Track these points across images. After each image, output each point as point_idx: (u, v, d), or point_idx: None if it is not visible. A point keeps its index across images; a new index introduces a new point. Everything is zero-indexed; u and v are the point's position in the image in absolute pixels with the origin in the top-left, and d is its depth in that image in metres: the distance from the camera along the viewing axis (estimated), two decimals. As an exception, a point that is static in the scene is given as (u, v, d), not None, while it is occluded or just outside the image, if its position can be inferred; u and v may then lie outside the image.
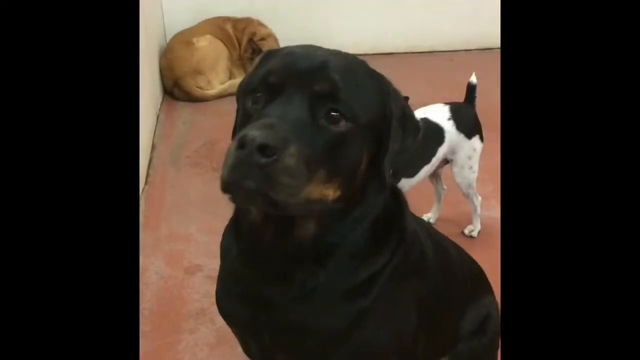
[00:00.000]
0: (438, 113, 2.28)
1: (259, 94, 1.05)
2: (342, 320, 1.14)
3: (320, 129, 1.00)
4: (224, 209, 1.20)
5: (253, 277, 1.18)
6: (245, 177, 0.93)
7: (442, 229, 1.62)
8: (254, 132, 0.91)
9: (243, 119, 1.07)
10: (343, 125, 1.01)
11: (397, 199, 1.25)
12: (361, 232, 1.13)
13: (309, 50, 1.09)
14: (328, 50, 1.11)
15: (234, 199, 1.02)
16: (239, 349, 1.36)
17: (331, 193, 1.02)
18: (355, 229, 1.13)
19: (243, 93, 1.09)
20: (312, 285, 1.12)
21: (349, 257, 1.13)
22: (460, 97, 2.43)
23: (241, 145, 0.92)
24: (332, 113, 1.01)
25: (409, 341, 1.26)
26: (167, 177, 3.06)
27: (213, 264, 2.33)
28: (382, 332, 1.18)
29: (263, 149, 0.91)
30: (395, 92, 1.15)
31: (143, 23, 3.44)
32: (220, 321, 2.01)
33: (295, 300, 1.13)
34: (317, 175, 0.98)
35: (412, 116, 1.18)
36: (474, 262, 1.62)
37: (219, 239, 1.25)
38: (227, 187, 0.97)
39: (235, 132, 1.21)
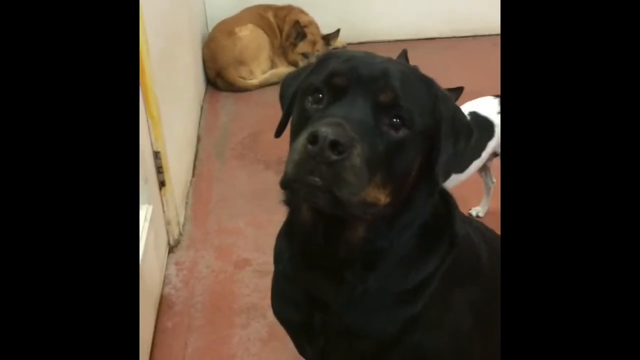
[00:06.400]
0: (487, 106, 2.23)
1: (320, 95, 1.07)
2: (394, 324, 1.15)
3: (381, 134, 1.02)
4: (270, 203, 1.21)
5: (306, 280, 1.20)
6: (312, 173, 0.95)
7: (491, 223, 1.59)
8: (326, 129, 0.93)
9: (301, 118, 1.09)
10: (402, 132, 1.03)
11: (447, 203, 1.24)
12: (409, 237, 1.15)
13: (369, 56, 1.11)
14: (383, 57, 1.13)
15: (292, 196, 1.05)
16: (290, 345, 1.38)
17: (383, 198, 1.04)
18: (403, 234, 1.14)
19: (303, 93, 1.11)
20: (362, 289, 1.14)
21: (398, 263, 1.15)
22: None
23: (312, 140, 0.93)
24: (395, 120, 1.03)
25: (465, 346, 1.26)
26: (212, 170, 3.10)
27: (261, 258, 2.37)
28: (434, 337, 1.19)
29: (335, 145, 0.93)
30: (445, 96, 1.15)
31: (187, 13, 3.47)
32: (271, 316, 2.02)
33: (347, 303, 1.15)
34: (375, 178, 1.00)
35: (464, 119, 1.18)
36: None
37: (266, 232, 1.26)
38: (290, 183, 0.99)
39: (279, 130, 1.24)
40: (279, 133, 1.25)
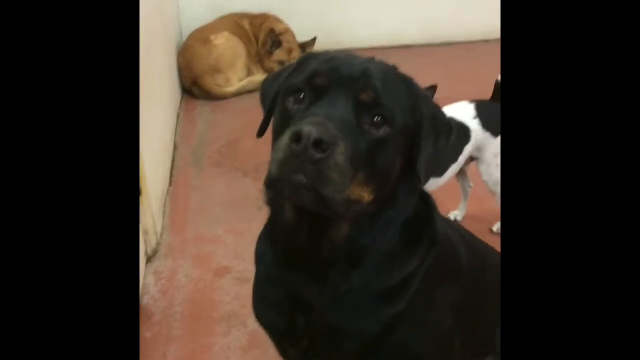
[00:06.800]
0: (463, 111, 2.26)
1: (302, 95, 1.08)
2: (378, 323, 1.16)
3: (364, 132, 1.04)
4: (249, 210, 1.20)
5: (289, 280, 1.19)
6: (296, 171, 0.96)
7: (469, 226, 1.61)
8: (309, 127, 0.94)
9: (283, 119, 1.10)
10: (384, 130, 1.05)
11: (426, 204, 1.26)
12: (392, 235, 1.16)
13: (350, 56, 1.13)
14: (364, 57, 1.15)
15: (276, 195, 1.05)
16: (271, 352, 1.38)
17: (366, 195, 1.05)
18: (386, 231, 1.15)
19: (284, 93, 1.12)
20: (346, 287, 1.15)
21: (381, 260, 1.15)
22: (479, 88, 2.40)
23: (296, 139, 0.94)
24: (376, 118, 1.04)
25: (446, 346, 1.27)
26: (190, 178, 3.07)
27: (241, 265, 2.35)
28: (418, 336, 1.20)
29: (318, 143, 0.94)
30: (425, 95, 1.17)
31: (161, 21, 3.45)
32: (251, 324, 2.03)
33: (331, 302, 1.15)
34: (357, 175, 1.01)
35: (443, 117, 1.19)
36: None
37: (245, 240, 1.25)
38: (274, 182, 1.00)
39: (261, 130, 1.25)
40: (260, 133, 1.25)
